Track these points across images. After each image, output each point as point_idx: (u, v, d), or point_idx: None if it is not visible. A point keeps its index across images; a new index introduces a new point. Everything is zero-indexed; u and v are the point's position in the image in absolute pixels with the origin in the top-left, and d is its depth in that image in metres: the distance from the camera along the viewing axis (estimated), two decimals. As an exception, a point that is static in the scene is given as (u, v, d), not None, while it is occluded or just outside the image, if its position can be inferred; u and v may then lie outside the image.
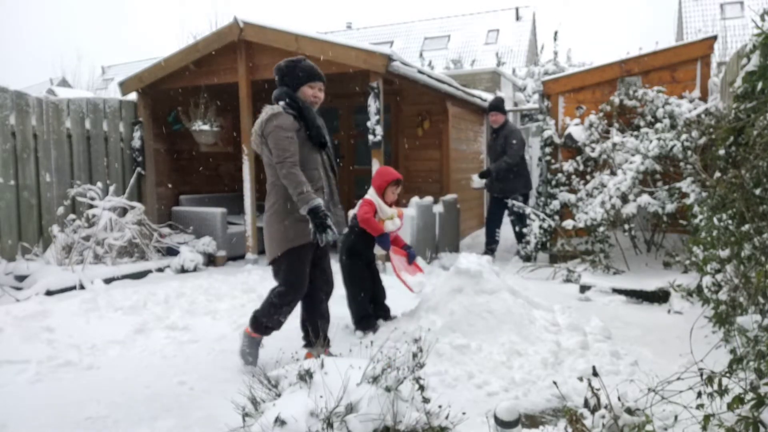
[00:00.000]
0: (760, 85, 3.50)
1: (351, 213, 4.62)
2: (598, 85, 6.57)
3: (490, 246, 7.22)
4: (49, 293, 5.16)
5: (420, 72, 6.53)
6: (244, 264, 6.72)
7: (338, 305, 4.64)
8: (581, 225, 5.71)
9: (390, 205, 4.11)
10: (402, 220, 4.21)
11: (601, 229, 5.65)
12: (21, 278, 5.43)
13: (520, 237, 6.97)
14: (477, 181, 7.30)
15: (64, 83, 26.64)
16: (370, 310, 4.14)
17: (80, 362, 3.53)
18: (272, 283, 3.43)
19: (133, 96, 7.23)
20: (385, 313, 4.23)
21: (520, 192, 7.00)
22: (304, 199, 3.06)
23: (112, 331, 4.09)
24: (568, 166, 6.52)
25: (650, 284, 5.02)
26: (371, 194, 4.08)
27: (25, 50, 47.45)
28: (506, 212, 7.12)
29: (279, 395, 2.03)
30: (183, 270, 6.34)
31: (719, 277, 3.38)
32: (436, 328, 3.56)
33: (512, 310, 3.74)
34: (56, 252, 5.79)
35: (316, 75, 3.37)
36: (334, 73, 6.45)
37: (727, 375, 1.85)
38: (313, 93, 3.37)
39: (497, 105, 7.17)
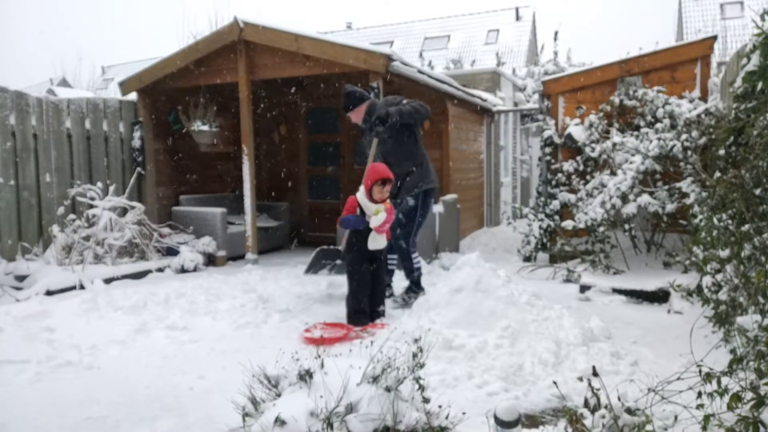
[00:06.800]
0: (760, 85, 3.51)
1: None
2: (598, 85, 6.56)
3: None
4: (49, 293, 5.16)
5: (420, 72, 6.52)
6: (244, 264, 6.72)
7: (338, 305, 4.65)
8: (581, 225, 5.70)
9: (380, 202, 4.20)
10: (390, 215, 4.24)
11: (601, 229, 5.65)
12: (21, 278, 5.43)
13: None
14: None
15: (64, 83, 26.65)
16: (363, 306, 4.20)
17: (80, 362, 3.53)
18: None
19: (133, 96, 7.23)
20: (379, 313, 4.29)
21: None
22: None
23: (112, 331, 4.09)
24: (568, 166, 6.52)
25: (650, 284, 5.02)
26: (359, 191, 4.24)
27: (25, 50, 47.45)
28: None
29: (279, 395, 2.03)
30: (183, 270, 6.34)
31: (719, 277, 3.38)
32: (436, 327, 3.56)
33: (512, 310, 3.74)
34: (56, 252, 5.79)
35: None
36: (335, 73, 6.47)
37: (728, 374, 1.85)
38: None
39: None
